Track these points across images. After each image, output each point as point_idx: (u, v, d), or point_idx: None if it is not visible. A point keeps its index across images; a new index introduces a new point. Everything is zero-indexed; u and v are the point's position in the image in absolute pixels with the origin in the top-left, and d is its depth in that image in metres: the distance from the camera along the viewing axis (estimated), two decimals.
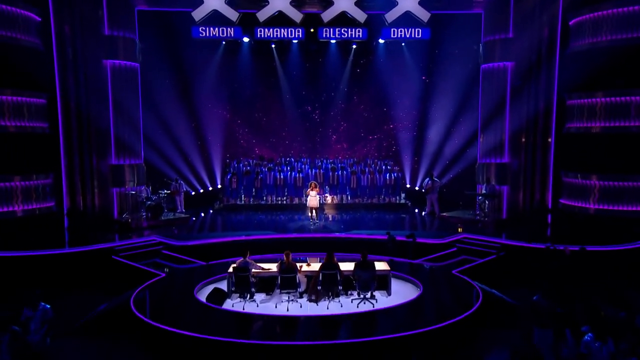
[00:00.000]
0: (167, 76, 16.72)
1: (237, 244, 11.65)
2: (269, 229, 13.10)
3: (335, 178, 16.95)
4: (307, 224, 13.60)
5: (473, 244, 11.65)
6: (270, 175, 16.87)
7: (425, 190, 15.38)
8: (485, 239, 11.83)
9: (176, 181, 15.78)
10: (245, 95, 18.76)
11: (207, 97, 18.02)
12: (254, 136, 19.44)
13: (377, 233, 12.43)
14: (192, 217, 15.15)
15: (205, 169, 18.49)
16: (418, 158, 18.46)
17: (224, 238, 12.29)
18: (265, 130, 19.44)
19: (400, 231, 12.49)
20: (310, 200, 13.50)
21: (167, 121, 16.65)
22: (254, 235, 12.48)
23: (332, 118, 19.34)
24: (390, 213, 15.69)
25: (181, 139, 17.29)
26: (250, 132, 19.38)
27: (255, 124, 19.29)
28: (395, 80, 18.08)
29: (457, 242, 11.90)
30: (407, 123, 18.76)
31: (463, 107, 16.25)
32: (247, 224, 14.05)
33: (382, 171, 17.20)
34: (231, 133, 19.11)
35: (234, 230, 13.34)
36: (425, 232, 13.47)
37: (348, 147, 19.66)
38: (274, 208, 16.36)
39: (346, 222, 14.12)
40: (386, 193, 16.98)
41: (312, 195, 13.47)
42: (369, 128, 19.42)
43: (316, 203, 13.58)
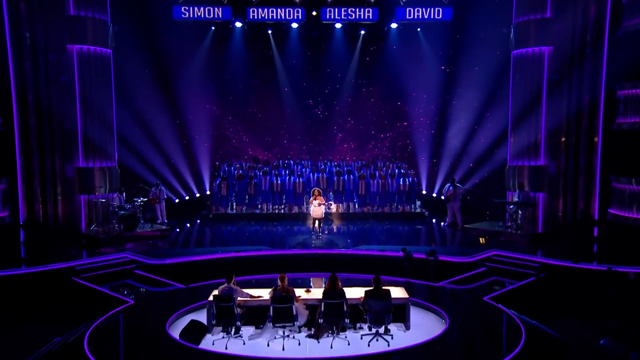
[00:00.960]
0: (145, 65, 16.09)
1: (224, 262, 10.99)
2: (264, 244, 12.50)
3: (340, 183, 16.32)
4: (309, 238, 13.07)
5: (505, 263, 10.94)
6: (265, 180, 16.18)
7: (446, 198, 14.71)
8: (520, 256, 11.04)
9: (156, 187, 15.12)
10: (237, 89, 18.58)
11: (193, 90, 17.55)
12: (247, 135, 19.21)
13: (390, 249, 11.71)
14: (175, 228, 14.62)
15: (192, 172, 18.06)
16: (437, 160, 18.04)
17: (209, 255, 11.47)
18: (261, 128, 19.21)
19: (416, 247, 12.07)
20: (314, 211, 12.87)
21: (146, 118, 16.09)
22: (245, 252, 11.68)
23: (337, 114, 19.08)
24: (404, 224, 15.09)
25: (163, 138, 16.74)
26: (244, 131, 19.15)
27: (249, 121, 19.04)
28: (411, 71, 17.66)
29: (486, 260, 11.13)
30: (424, 120, 18.36)
31: (490, 101, 15.63)
32: (238, 237, 13.49)
33: (394, 175, 16.57)
34: (221, 132, 18.87)
35: (223, 245, 12.68)
36: (446, 247, 12.73)
37: (356, 148, 19.42)
38: (270, 218, 15.77)
39: (353, 235, 13.59)
40: (399, 201, 16.46)
41: (315, 205, 12.83)
42: (380, 125, 19.13)
43: (320, 213, 12.91)
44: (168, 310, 8.69)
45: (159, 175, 16.50)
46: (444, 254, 11.08)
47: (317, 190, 13.04)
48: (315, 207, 12.86)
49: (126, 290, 10.03)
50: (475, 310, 8.82)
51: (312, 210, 12.96)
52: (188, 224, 15.58)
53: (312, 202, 12.86)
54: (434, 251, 10.74)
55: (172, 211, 16.13)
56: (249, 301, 8.25)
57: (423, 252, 10.74)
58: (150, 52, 15.91)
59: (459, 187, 14.77)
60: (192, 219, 16.02)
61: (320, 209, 12.87)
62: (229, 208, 16.52)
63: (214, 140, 18.75)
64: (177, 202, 17.37)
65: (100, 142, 13.67)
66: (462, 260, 11.00)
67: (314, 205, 12.83)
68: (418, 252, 10.83)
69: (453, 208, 14.60)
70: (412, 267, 10.44)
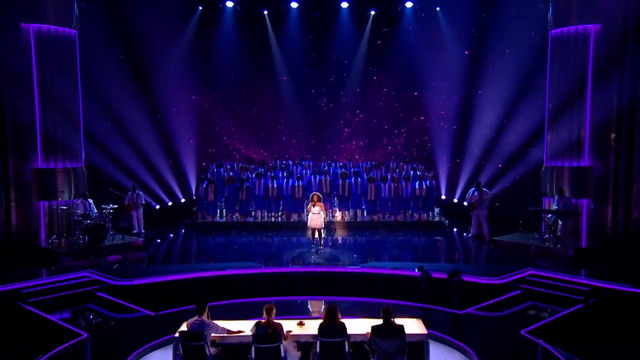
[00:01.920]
0: (119, 50, 15.63)
1: (205, 282, 10.33)
2: (255, 258, 12.01)
3: (346, 187, 15.72)
4: (307, 252, 12.50)
5: (545, 285, 10.16)
6: (259, 183, 15.66)
7: (470, 205, 14.01)
8: (563, 277, 10.28)
9: (133, 191, 14.48)
10: (228, 78, 18.48)
11: (177, 80, 17.36)
12: (240, 131, 19.16)
13: (404, 267, 11.00)
14: (155, 240, 14.16)
15: (175, 174, 17.76)
16: (460, 160, 17.74)
17: (187, 274, 10.58)
18: (255, 123, 19.14)
19: (435, 264, 11.45)
20: (313, 219, 12.23)
21: (121, 111, 15.67)
22: (231, 270, 10.89)
23: (344, 106, 19.04)
24: (420, 235, 14.62)
25: (140, 134, 16.32)
26: (236, 126, 19.09)
27: (242, 116, 18.98)
28: (429, 56, 17.47)
29: (520, 281, 10.42)
30: (444, 113, 18.12)
31: (523, 91, 15.11)
32: (226, 251, 12.91)
33: (409, 178, 16.03)
34: (210, 127, 18.84)
35: (207, 261, 12.14)
36: (471, 265, 11.99)
37: (365, 146, 19.41)
38: (265, 227, 15.28)
39: (360, 249, 13.04)
40: (415, 207, 15.99)
41: (314, 212, 12.17)
42: (394, 120, 19.05)
43: (320, 223, 12.27)
44: (130, 346, 7.77)
45: (135, 177, 16.02)
46: (468, 274, 10.40)
47: (316, 196, 12.37)
48: (314, 215, 12.20)
49: (83, 319, 9.23)
50: (510, 346, 8.04)
51: (310, 219, 12.30)
52: (171, 234, 15.13)
53: (311, 209, 12.24)
54: (457, 271, 9.90)
55: (152, 219, 15.79)
56: (226, 338, 7.26)
57: (444, 271, 10.07)
58: (125, 35, 15.42)
59: (485, 192, 13.99)
60: (176, 229, 15.54)
61: (319, 218, 12.21)
62: (218, 216, 16.05)
63: (201, 138, 18.56)
64: (157, 208, 16.90)
65: (63, 138, 13.00)
66: (492, 282, 10.24)
67: (312, 213, 12.19)
68: (438, 271, 10.17)
69: (479, 217, 13.94)
70: (431, 291, 9.75)
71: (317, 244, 12.51)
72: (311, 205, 12.30)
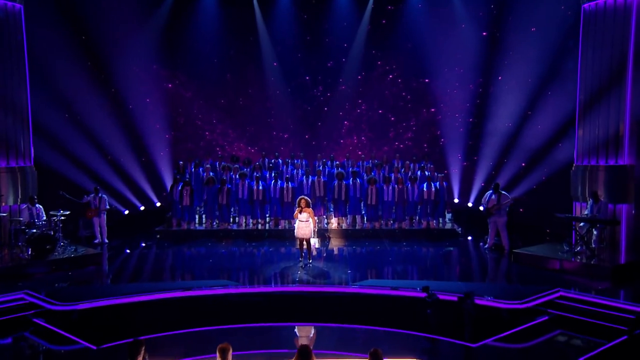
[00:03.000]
0: (77, 30, 15.38)
1: (164, 305, 9.71)
2: (231, 276, 11.39)
3: (342, 190, 15.18)
4: (294, 267, 12.02)
5: (577, 311, 9.53)
6: (243, 185, 15.23)
7: (487, 210, 13.51)
8: (600, 300, 9.59)
9: (96, 194, 14.11)
10: (210, 65, 18.40)
11: (149, 65, 17.30)
12: (223, 125, 19.08)
13: (407, 287, 10.34)
14: (120, 250, 13.75)
15: (148, 175, 17.55)
16: (476, 158, 17.57)
17: (143, 295, 9.81)
18: (242, 116, 19.08)
19: (444, 282, 10.86)
20: (300, 228, 11.81)
21: (80, 103, 15.52)
22: (199, 290, 10.22)
23: (343, 96, 18.92)
24: (429, 245, 14.32)
25: (105, 129, 16.27)
26: (219, 119, 18.99)
27: (226, 107, 18.93)
28: (441, 38, 17.35)
29: (547, 305, 9.78)
30: (459, 104, 17.91)
31: (551, 77, 14.87)
32: (197, 266, 12.46)
33: (416, 179, 15.66)
34: (189, 120, 18.77)
35: (171, 279, 11.47)
36: (487, 284, 11.28)
37: (368, 142, 19.29)
38: (249, 236, 14.94)
39: (358, 262, 12.62)
40: (422, 213, 15.60)
41: (301, 220, 11.75)
42: (401, 112, 18.94)
43: (308, 232, 11.81)
44: None
45: (99, 179, 15.85)
46: (484, 295, 9.76)
47: (304, 200, 11.90)
48: (302, 224, 11.74)
49: (13, 352, 8.51)
50: None
51: (297, 227, 11.85)
52: (141, 244, 14.63)
53: (297, 216, 11.83)
54: (470, 293, 9.10)
55: (120, 227, 15.72)
56: None
57: (454, 291, 9.55)
58: (84, 12, 15.23)
59: (505, 196, 13.46)
60: (147, 238, 15.18)
61: (308, 226, 11.76)
62: (197, 222, 15.84)
63: (179, 132, 18.61)
64: (127, 214, 16.76)
65: (7, 133, 12.62)
66: (513, 306, 9.55)
67: (299, 221, 11.76)
68: (447, 292, 9.64)
69: (497, 224, 13.44)
70: (439, 317, 9.06)
71: (305, 257, 12.09)
72: (298, 212, 11.84)
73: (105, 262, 12.55)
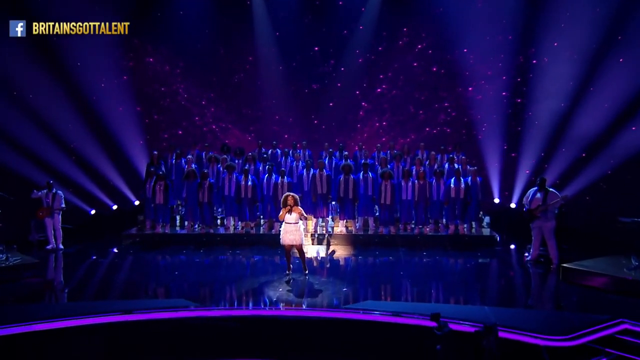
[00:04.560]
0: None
1: (92, 333, 9.00)
2: (196, 294, 10.77)
3: (349, 186, 14.56)
4: (277, 282, 11.42)
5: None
6: (230, 179, 14.77)
7: (530, 213, 12.56)
8: None
9: (49, 189, 13.69)
10: (201, 35, 18.27)
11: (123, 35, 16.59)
12: (216, 107, 18.98)
13: (413, 312, 9.44)
14: (79, 259, 13.27)
15: (122, 168, 17.37)
16: (520, 148, 16.88)
17: (67, 320, 9.04)
18: (238, 96, 18.97)
19: (466, 306, 10.05)
20: (287, 233, 11.23)
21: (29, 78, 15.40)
22: (140, 313, 9.31)
23: (360, 71, 18.57)
24: (455, 256, 13.59)
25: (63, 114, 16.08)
26: (209, 100, 18.87)
27: (218, 86, 18.86)
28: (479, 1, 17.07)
29: (606, 342, 8.78)
30: (502, 81, 17.33)
31: (620, 43, 14.29)
32: (159, 280, 12.04)
33: (443, 173, 14.97)
34: (174, 102, 18.70)
35: (114, 298, 10.79)
36: (524, 309, 10.25)
37: (390, 128, 18.93)
38: (235, 242, 14.57)
39: (360, 277, 12.05)
40: (450, 215, 14.86)
41: (288, 222, 11.18)
42: (431, 91, 18.49)
43: (299, 237, 11.22)
44: None
45: (56, 172, 15.67)
46: (518, 326, 8.74)
47: (290, 197, 11.30)
48: (290, 227, 11.21)
49: None
50: None
51: (283, 232, 11.26)
52: (105, 250, 14.32)
53: (283, 218, 11.22)
54: (492, 326, 8.06)
55: (87, 229, 15.76)
56: None
57: (476, 320, 8.75)
58: None
59: (553, 194, 12.40)
60: (115, 243, 14.98)
61: (297, 231, 11.20)
62: (177, 225, 15.57)
63: (161, 116, 18.53)
64: (92, 214, 16.60)
65: None
66: (557, 344, 8.57)
67: (286, 223, 11.19)
68: (467, 321, 8.78)
69: (542, 231, 12.49)
70: (451, 356, 8.07)
71: (291, 271, 11.57)
72: (284, 212, 11.20)
73: (45, 275, 12.00)
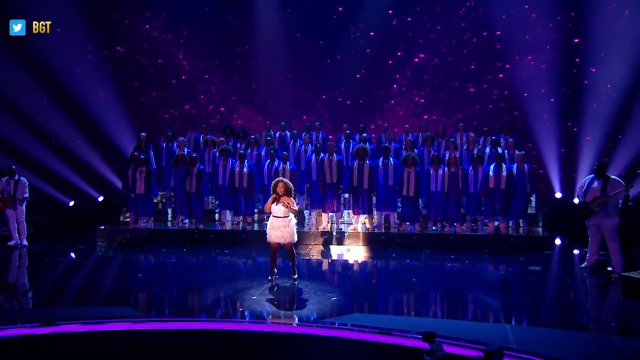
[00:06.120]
0: None
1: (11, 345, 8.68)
2: (152, 302, 10.75)
3: (365, 174, 14.01)
4: (256, 289, 11.07)
5: None
6: (225, 166, 14.54)
7: (585, 206, 11.66)
8: None
9: (10, 175, 13.56)
10: None
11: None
12: (221, 81, 18.90)
13: (408, 330, 8.96)
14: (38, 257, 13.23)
15: (108, 154, 17.53)
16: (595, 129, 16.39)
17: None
18: (246, 68, 18.86)
19: (483, 323, 9.45)
20: (273, 228, 10.84)
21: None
22: (66, 325, 9.00)
23: (393, 37, 18.26)
24: (490, 261, 13.00)
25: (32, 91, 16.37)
26: (213, 74, 18.80)
27: (225, 56, 18.79)
28: None
29: None
30: (570, 46, 16.83)
31: None
32: (115, 283, 11.77)
33: (482, 159, 14.30)
34: (176, 76, 18.75)
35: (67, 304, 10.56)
36: (566, 330, 9.25)
37: (427, 106, 18.52)
38: (226, 240, 14.41)
39: (360, 286, 11.65)
40: (488, 209, 14.03)
41: (276, 215, 10.78)
42: (482, 59, 18.06)
43: (288, 234, 10.77)
44: None
45: (25, 157, 15.89)
46: (560, 354, 7.94)
47: (281, 184, 10.77)
48: (277, 221, 10.82)
49: None
50: None
51: (270, 226, 10.88)
52: (85, 246, 14.27)
53: (269, 209, 10.80)
54: (493, 353, 6.88)
55: (65, 224, 16.02)
56: None
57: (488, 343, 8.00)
58: None
59: (615, 182, 11.43)
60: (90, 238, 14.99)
61: (287, 225, 10.80)
62: (167, 220, 15.54)
63: (161, 93, 18.57)
64: (71, 205, 16.91)
65: None
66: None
67: (273, 216, 10.78)
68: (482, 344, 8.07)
69: (601, 229, 11.58)
70: None
71: (274, 276, 11.13)
72: (271, 201, 10.71)
73: None
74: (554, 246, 14.06)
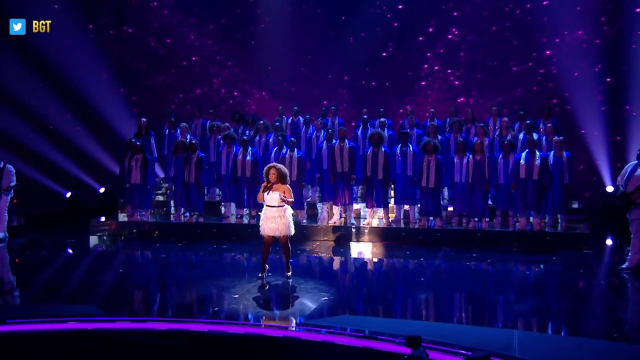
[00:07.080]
0: None
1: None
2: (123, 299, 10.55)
3: (380, 162, 13.72)
4: (241, 289, 10.80)
5: None
6: (229, 154, 14.53)
7: (626, 197, 11.26)
8: None
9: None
10: None
11: None
12: (235, 63, 19.04)
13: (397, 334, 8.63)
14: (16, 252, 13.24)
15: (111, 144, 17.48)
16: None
17: None
18: (262, 49, 18.76)
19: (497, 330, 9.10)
20: (266, 219, 10.60)
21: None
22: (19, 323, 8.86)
23: (424, 11, 18.07)
24: (519, 261, 12.61)
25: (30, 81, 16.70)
26: (225, 54, 18.92)
27: (238, 36, 18.83)
28: None
29: None
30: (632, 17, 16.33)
31: None
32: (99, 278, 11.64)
33: (514, 146, 13.92)
34: (186, 58, 19.00)
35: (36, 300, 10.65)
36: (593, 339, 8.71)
37: (463, 88, 18.42)
38: (226, 236, 14.21)
39: (359, 285, 11.65)
40: (519, 203, 13.56)
41: (270, 204, 10.54)
42: (524, 35, 17.61)
43: (283, 226, 10.48)
44: None
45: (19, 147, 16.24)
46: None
47: (274, 170, 10.45)
48: (270, 211, 10.57)
49: None
50: None
51: (263, 217, 10.62)
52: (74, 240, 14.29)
53: (262, 199, 10.55)
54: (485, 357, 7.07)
55: (62, 215, 16.30)
56: None
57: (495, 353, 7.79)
58: None
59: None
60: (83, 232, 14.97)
61: (282, 217, 10.51)
62: (172, 213, 15.51)
63: (169, 77, 18.71)
64: (68, 197, 17.26)
65: None
66: None
67: (267, 206, 10.52)
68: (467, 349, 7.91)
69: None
70: None
71: (265, 273, 10.88)
72: (263, 190, 10.41)
73: None
74: (595, 245, 13.37)
